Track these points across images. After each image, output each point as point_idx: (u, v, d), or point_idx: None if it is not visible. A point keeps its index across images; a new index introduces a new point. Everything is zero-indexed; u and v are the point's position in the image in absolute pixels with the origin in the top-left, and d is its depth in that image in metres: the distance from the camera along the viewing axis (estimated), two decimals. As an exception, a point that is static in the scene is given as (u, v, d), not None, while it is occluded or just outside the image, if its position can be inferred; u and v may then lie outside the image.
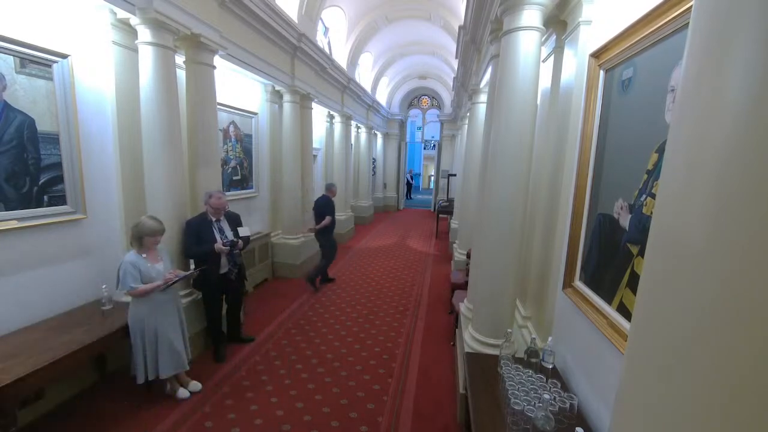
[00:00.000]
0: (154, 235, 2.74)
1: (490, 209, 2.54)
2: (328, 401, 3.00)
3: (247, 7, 4.14)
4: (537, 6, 2.27)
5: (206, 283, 3.39)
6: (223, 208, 3.34)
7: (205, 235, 3.30)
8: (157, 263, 2.80)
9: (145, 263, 2.71)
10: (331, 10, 7.27)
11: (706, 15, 0.65)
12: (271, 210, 6.19)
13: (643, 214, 1.49)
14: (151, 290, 2.65)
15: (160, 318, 2.76)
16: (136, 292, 2.62)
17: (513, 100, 2.35)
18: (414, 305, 5.17)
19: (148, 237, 2.71)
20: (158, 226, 2.77)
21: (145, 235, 2.70)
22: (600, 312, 1.77)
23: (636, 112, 1.62)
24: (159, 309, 2.75)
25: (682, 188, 0.68)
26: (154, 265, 2.76)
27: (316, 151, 7.92)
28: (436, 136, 15.83)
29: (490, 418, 1.81)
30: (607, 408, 1.67)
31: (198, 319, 3.58)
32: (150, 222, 2.74)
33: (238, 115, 5.02)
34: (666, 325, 0.70)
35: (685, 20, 1.29)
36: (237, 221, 3.60)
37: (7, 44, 2.39)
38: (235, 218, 3.61)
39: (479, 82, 4.82)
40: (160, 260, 2.83)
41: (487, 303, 2.63)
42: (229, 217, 3.54)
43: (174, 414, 2.77)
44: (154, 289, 2.66)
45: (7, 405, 2.03)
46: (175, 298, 2.95)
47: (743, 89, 0.58)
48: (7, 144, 2.46)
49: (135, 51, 3.12)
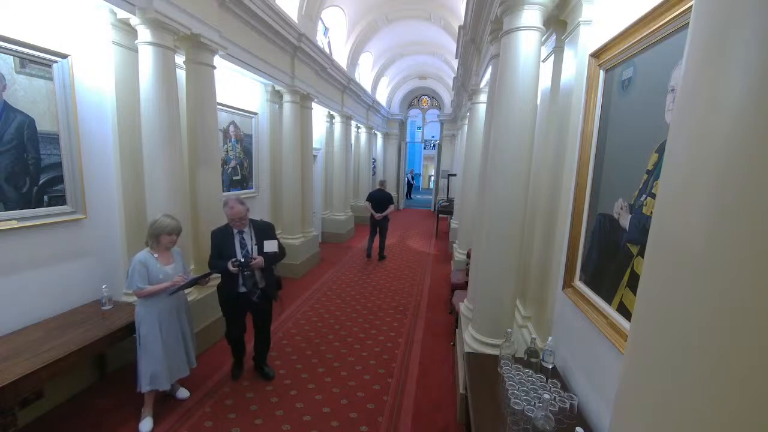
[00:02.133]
0: (171, 233, 2.66)
1: (490, 209, 2.54)
2: (328, 401, 3.00)
3: (247, 7, 4.14)
4: (537, 6, 2.27)
5: (221, 299, 3.06)
6: (240, 218, 2.88)
7: (224, 248, 2.93)
8: (168, 265, 2.70)
9: (155, 263, 2.62)
10: (331, 10, 7.27)
11: (706, 15, 0.65)
12: (271, 210, 6.19)
13: (643, 214, 1.49)
14: (157, 292, 2.56)
15: (165, 323, 2.65)
16: (142, 293, 2.54)
17: (513, 100, 2.35)
18: (414, 305, 5.17)
19: (165, 235, 2.64)
20: (176, 225, 2.69)
21: (162, 233, 2.63)
22: (600, 312, 1.77)
23: (636, 112, 1.62)
24: (164, 313, 2.64)
25: (682, 188, 0.68)
26: (164, 266, 2.67)
27: (316, 151, 7.92)
28: (436, 136, 15.82)
29: (490, 418, 1.82)
30: (607, 408, 1.67)
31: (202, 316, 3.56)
32: (168, 220, 2.67)
33: (238, 115, 5.02)
34: (666, 325, 0.70)
35: (685, 20, 1.29)
36: (266, 233, 3.06)
37: (7, 44, 2.39)
38: (264, 230, 3.08)
39: (479, 82, 4.82)
40: (172, 262, 2.74)
41: (487, 303, 2.63)
42: (258, 228, 3.06)
43: (174, 414, 2.77)
44: (161, 290, 2.57)
45: (7, 405, 2.03)
46: (183, 303, 2.85)
47: (743, 89, 0.58)
48: (7, 144, 2.45)
49: (135, 51, 3.12)
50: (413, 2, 7.87)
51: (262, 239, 3.00)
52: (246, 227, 2.99)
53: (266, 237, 3.02)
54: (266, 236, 3.03)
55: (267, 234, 3.05)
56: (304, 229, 6.44)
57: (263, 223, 3.14)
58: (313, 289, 5.60)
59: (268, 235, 3.04)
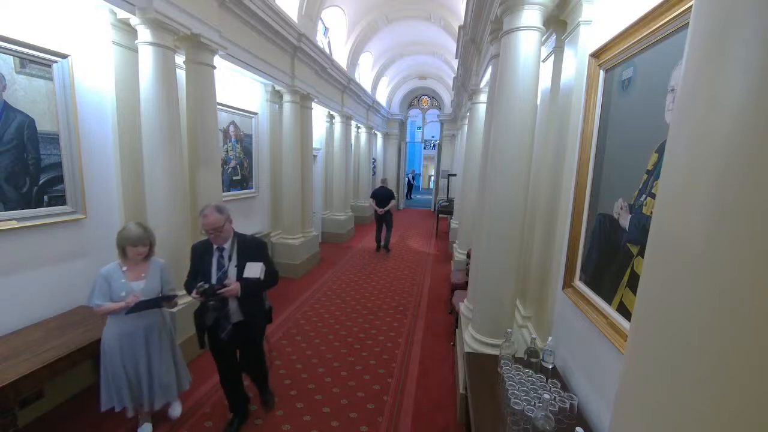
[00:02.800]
0: (137, 245, 2.30)
1: (490, 209, 2.54)
2: (328, 401, 3.00)
3: (247, 7, 4.14)
4: (537, 6, 2.27)
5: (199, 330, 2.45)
6: (215, 229, 2.29)
7: (201, 265, 2.39)
8: (138, 280, 2.34)
9: (120, 278, 2.29)
10: (331, 10, 7.27)
11: (706, 15, 0.65)
12: (271, 210, 6.19)
13: (643, 214, 1.49)
14: (113, 311, 2.24)
15: (127, 348, 2.32)
16: (99, 311, 2.25)
17: (513, 100, 2.35)
18: (414, 305, 5.17)
19: (130, 247, 2.29)
20: (141, 235, 2.31)
21: (126, 244, 2.29)
22: (600, 312, 1.77)
23: (636, 112, 1.62)
24: (125, 337, 2.31)
25: (682, 188, 0.68)
26: (130, 282, 2.31)
27: (316, 151, 7.93)
28: (436, 136, 15.82)
29: (490, 418, 1.82)
30: (607, 408, 1.67)
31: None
32: (134, 229, 2.31)
33: (238, 115, 5.03)
34: (666, 325, 0.69)
35: (685, 20, 1.29)
36: (252, 253, 2.43)
37: (7, 44, 2.39)
38: (251, 248, 2.46)
39: (479, 82, 4.82)
40: (143, 277, 2.37)
41: (487, 303, 2.63)
42: (243, 245, 2.45)
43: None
44: (116, 310, 2.24)
45: (7, 405, 2.02)
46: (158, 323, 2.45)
47: (743, 89, 0.58)
48: (7, 144, 2.46)
49: (135, 51, 3.12)
50: (413, 2, 7.87)
51: (246, 260, 2.37)
52: (227, 243, 2.40)
53: (251, 257, 2.39)
54: (251, 257, 2.40)
55: (252, 254, 2.42)
56: (304, 229, 6.44)
57: (252, 240, 2.51)
58: (313, 289, 5.60)
59: (253, 256, 2.41)
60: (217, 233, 2.32)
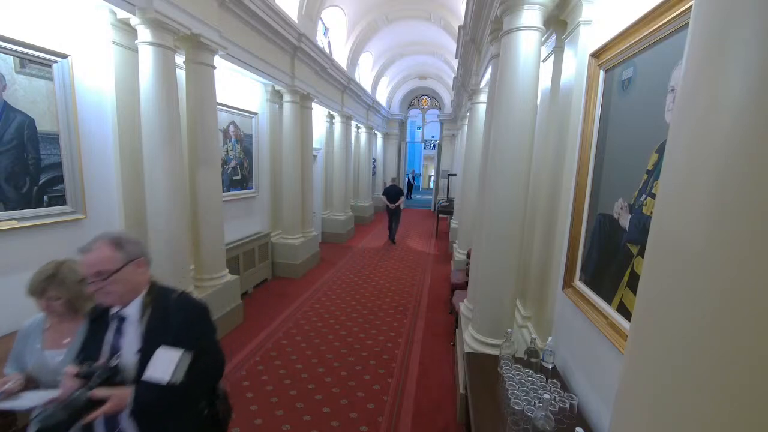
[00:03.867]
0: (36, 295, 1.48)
1: (490, 209, 2.54)
2: (328, 401, 3.00)
3: (247, 7, 4.14)
4: (537, 6, 2.27)
5: None
6: (97, 274, 1.23)
7: (86, 343, 1.35)
8: (58, 348, 1.47)
9: (36, 340, 1.48)
10: (331, 10, 7.27)
11: (706, 15, 0.65)
12: (271, 210, 6.19)
13: (643, 214, 1.49)
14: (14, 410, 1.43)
15: None
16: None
17: (513, 100, 2.35)
18: (414, 305, 5.17)
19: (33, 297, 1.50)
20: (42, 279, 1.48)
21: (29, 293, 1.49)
22: (600, 312, 1.77)
23: (636, 112, 1.62)
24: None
25: (682, 188, 0.68)
26: (44, 351, 1.46)
27: (316, 151, 7.93)
28: (436, 136, 15.83)
29: (490, 418, 1.81)
30: (607, 408, 1.67)
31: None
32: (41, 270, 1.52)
33: (238, 115, 5.02)
34: (666, 325, 0.69)
35: (685, 20, 1.29)
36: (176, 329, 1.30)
37: (7, 44, 2.39)
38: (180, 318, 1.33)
39: (479, 82, 4.83)
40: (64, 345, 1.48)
41: (487, 303, 2.63)
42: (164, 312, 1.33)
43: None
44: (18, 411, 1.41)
45: (6, 405, 2.00)
46: None
47: (743, 89, 0.58)
48: (7, 144, 2.45)
49: (135, 51, 3.12)
50: (413, 2, 7.88)
51: (160, 341, 1.26)
52: (131, 306, 1.32)
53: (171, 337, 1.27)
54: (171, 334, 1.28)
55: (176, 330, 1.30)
56: (304, 229, 6.44)
57: (182, 303, 1.38)
58: (313, 289, 5.60)
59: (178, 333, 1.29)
60: (103, 286, 1.23)
